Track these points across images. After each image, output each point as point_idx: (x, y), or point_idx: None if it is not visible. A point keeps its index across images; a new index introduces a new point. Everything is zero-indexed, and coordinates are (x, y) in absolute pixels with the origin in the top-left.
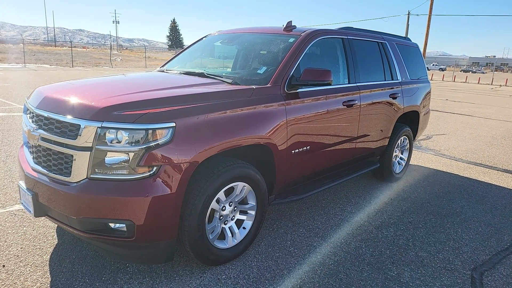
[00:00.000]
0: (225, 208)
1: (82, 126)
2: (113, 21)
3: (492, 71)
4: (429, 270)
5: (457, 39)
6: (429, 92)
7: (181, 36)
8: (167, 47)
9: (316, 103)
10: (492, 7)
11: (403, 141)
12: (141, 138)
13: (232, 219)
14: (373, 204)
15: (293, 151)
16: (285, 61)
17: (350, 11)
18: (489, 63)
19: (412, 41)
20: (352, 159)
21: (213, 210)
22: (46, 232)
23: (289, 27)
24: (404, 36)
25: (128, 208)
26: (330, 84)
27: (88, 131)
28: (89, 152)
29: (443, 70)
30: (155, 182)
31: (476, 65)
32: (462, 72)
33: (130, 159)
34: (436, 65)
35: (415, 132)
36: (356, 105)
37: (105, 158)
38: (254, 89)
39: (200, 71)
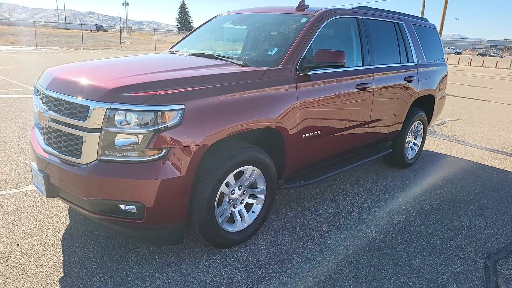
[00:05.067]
0: (234, 192)
1: (91, 108)
2: (123, 3)
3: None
4: (441, 257)
5: (475, 21)
6: (445, 76)
7: (190, 19)
8: (177, 29)
9: (328, 86)
10: None
11: (417, 126)
12: (150, 120)
13: (241, 203)
14: (384, 190)
15: (303, 135)
16: (297, 42)
17: None
18: (508, 46)
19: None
20: (364, 144)
21: (222, 194)
22: (59, 212)
23: (302, 6)
24: (421, 16)
25: (138, 190)
26: (343, 66)
27: (98, 113)
28: (99, 134)
29: (459, 54)
30: (165, 165)
31: (494, 49)
32: (478, 55)
33: (139, 141)
34: (451, 48)
35: (429, 117)
36: (370, 88)
37: (115, 140)
38: (265, 71)
39: (210, 52)
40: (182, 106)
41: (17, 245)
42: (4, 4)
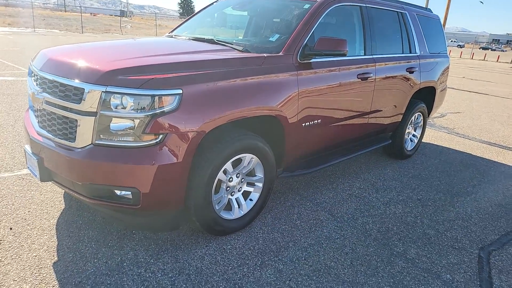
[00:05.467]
0: (232, 179)
1: (86, 90)
2: None
3: None
4: (436, 247)
5: (479, 14)
6: (447, 68)
7: (192, 4)
8: (178, 15)
9: (329, 74)
10: None
11: (417, 118)
12: (147, 104)
13: (239, 191)
14: (382, 181)
15: (303, 124)
16: (299, 29)
17: None
18: (510, 40)
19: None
20: (364, 135)
21: (220, 181)
22: (54, 197)
23: None
24: (425, 7)
25: (134, 175)
26: (345, 55)
27: (93, 96)
28: (94, 117)
29: (461, 47)
30: (161, 151)
31: (496, 43)
32: (481, 49)
33: (136, 126)
34: (454, 41)
35: (430, 109)
36: (371, 78)
37: (110, 124)
38: (265, 58)
39: (210, 37)
40: (179, 91)
41: (10, 228)
42: None
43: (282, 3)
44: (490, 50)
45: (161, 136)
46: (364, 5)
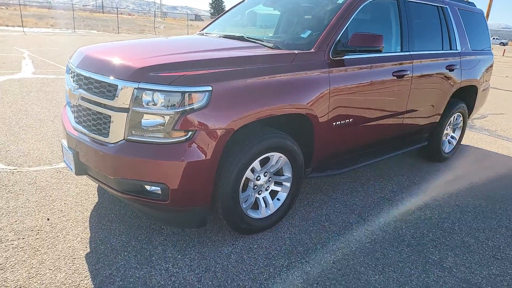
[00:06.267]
0: (259, 178)
1: (119, 87)
2: None
3: None
4: (475, 257)
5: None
6: (491, 66)
7: (223, 4)
8: (210, 15)
9: (362, 72)
10: None
11: (456, 119)
12: (177, 101)
13: (266, 190)
14: (417, 184)
15: (334, 123)
16: (332, 25)
17: None
18: None
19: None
20: (398, 135)
21: (247, 179)
22: (88, 190)
23: None
24: (467, 0)
25: (163, 171)
26: (381, 51)
27: (125, 92)
28: (126, 113)
29: (504, 45)
30: (190, 147)
31: None
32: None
33: (166, 122)
34: (497, 38)
35: (470, 109)
36: (408, 76)
37: (142, 120)
38: (296, 54)
39: (240, 34)
40: (209, 88)
41: (48, 219)
42: None
43: None
44: None
45: (190, 133)
46: None
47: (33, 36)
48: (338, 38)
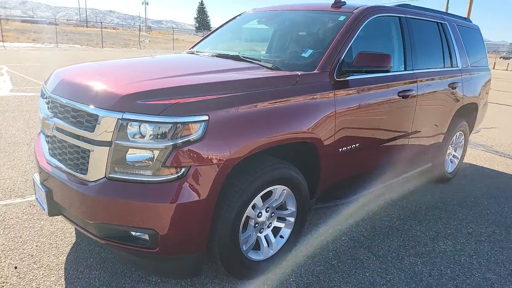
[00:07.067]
0: (261, 215)
1: (100, 117)
2: (143, 3)
3: None
4: None
5: (497, 24)
6: (489, 81)
7: (208, 18)
8: (194, 29)
9: (369, 93)
10: None
11: (458, 137)
12: (168, 133)
13: (268, 227)
14: (423, 209)
15: (340, 149)
16: (335, 43)
17: None
18: None
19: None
20: (404, 158)
21: (247, 217)
22: (64, 228)
23: (338, 3)
24: (463, 16)
25: (151, 215)
26: (388, 72)
27: (107, 123)
28: (108, 147)
29: (506, 59)
30: (183, 186)
31: None
32: (502, 59)
33: (155, 157)
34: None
35: (471, 126)
36: (413, 95)
37: (126, 155)
38: (299, 76)
39: (235, 53)
40: (206, 117)
41: (15, 268)
42: (29, 2)
43: (314, 15)
44: (511, 59)
45: (183, 170)
46: (404, 15)
47: (13, 51)
48: (342, 57)
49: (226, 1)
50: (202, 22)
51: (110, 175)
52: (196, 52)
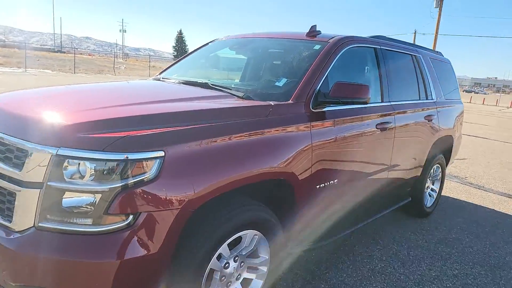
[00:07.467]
0: (228, 266)
1: (29, 152)
2: (120, 30)
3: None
4: None
5: (459, 59)
6: (462, 113)
7: (186, 47)
8: (172, 57)
9: (347, 125)
10: (493, 28)
11: (435, 170)
12: (114, 172)
13: (237, 279)
14: (406, 249)
15: (317, 186)
16: (311, 72)
17: (355, 27)
18: (491, 84)
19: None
20: (384, 193)
21: (212, 270)
22: None
23: (313, 32)
24: (434, 50)
25: (91, 275)
26: (366, 103)
27: (38, 160)
28: (39, 189)
29: (469, 92)
30: (132, 238)
31: (478, 86)
32: (465, 92)
33: (97, 201)
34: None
35: (447, 159)
36: (391, 128)
37: (62, 199)
38: (273, 106)
39: (204, 81)
40: (161, 153)
41: None
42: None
43: (288, 43)
44: (473, 93)
45: (131, 217)
46: (379, 47)
47: None
48: (318, 87)
49: (205, 31)
50: (180, 50)
51: (40, 224)
52: (163, 78)
